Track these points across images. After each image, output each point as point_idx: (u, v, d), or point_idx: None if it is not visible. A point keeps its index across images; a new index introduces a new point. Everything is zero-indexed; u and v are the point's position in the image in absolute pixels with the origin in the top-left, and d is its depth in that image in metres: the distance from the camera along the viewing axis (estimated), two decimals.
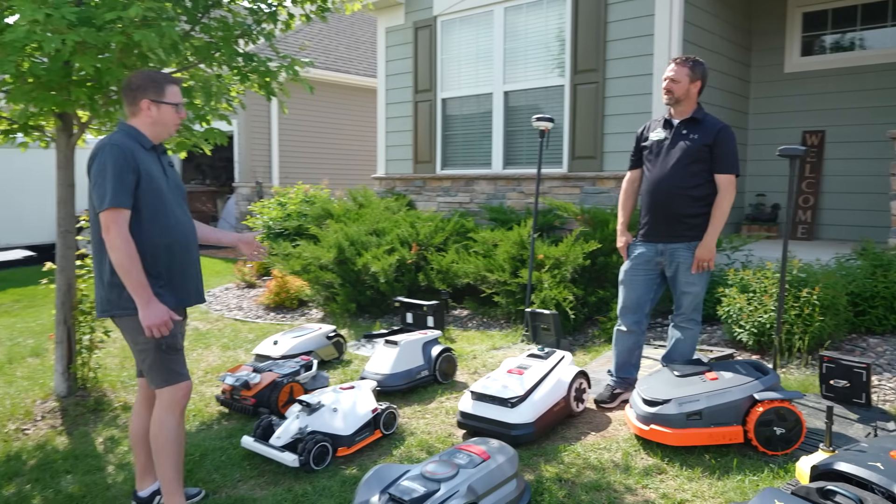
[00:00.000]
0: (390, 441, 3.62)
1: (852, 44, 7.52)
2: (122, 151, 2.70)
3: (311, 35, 15.79)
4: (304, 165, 14.35)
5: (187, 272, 2.92)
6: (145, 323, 2.66)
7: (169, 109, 2.85)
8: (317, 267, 6.50)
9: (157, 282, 2.76)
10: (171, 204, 2.85)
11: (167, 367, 2.81)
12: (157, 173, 2.82)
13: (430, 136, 8.48)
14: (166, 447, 2.82)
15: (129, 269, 2.65)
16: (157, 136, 2.88)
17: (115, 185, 2.65)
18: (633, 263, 3.90)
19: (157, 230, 2.77)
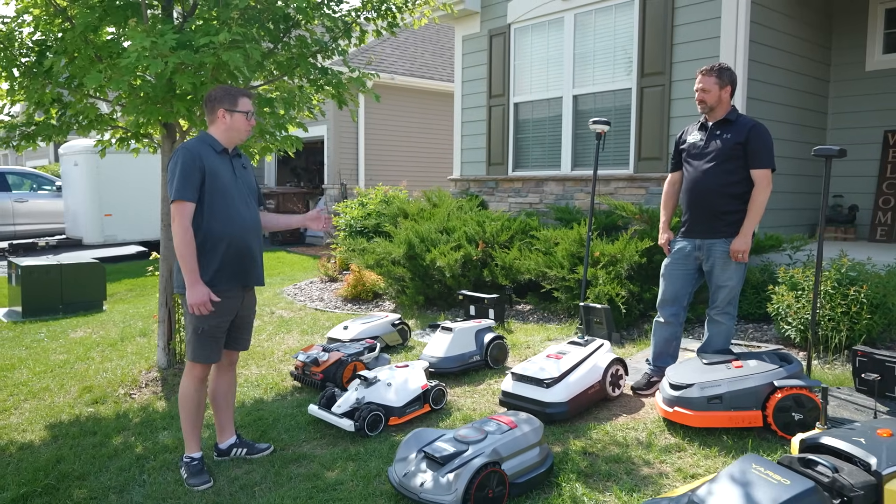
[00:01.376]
0: (438, 415, 4.02)
1: None
2: (191, 153, 3.19)
3: (398, 44, 16.47)
4: (387, 167, 15.03)
5: (245, 258, 3.34)
6: (189, 301, 3.14)
7: (240, 117, 3.32)
8: (389, 261, 7.00)
9: (213, 266, 3.21)
10: (234, 200, 3.29)
11: (196, 346, 3.29)
12: (224, 173, 3.27)
13: (502, 139, 8.83)
14: (182, 405, 3.35)
15: (184, 254, 3.14)
16: (230, 140, 3.35)
17: (181, 182, 3.15)
18: (673, 258, 4.12)
19: (218, 223, 3.22)
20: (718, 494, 2.25)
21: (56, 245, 13.18)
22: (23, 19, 4.57)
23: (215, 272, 3.24)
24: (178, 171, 3.18)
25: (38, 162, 24.53)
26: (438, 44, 17.55)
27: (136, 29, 3.98)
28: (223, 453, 3.56)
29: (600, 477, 3.12)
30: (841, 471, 2.30)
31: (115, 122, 5.12)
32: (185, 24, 4.54)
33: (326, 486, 3.16)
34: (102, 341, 6.24)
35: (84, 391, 4.78)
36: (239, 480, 3.29)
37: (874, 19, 7.61)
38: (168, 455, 3.62)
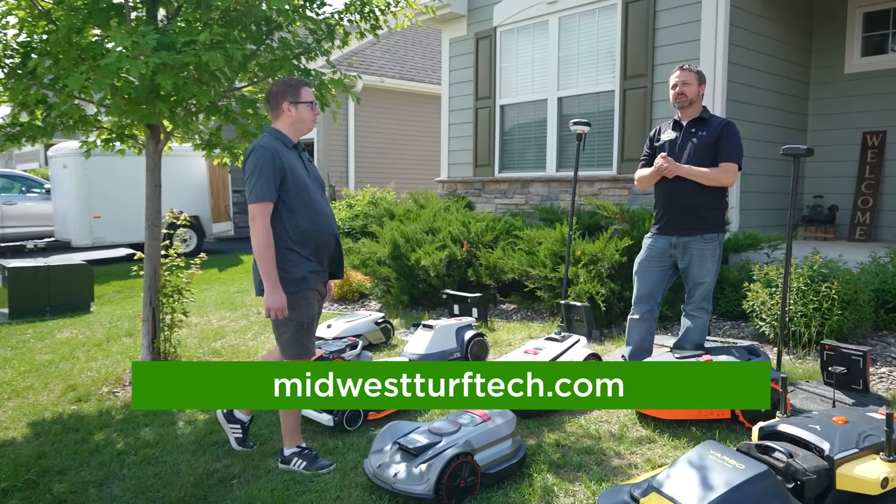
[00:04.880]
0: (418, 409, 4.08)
1: None
2: (269, 152, 3.17)
3: (388, 47, 16.56)
4: (377, 170, 15.11)
5: (334, 251, 3.39)
6: (267, 304, 3.12)
7: (305, 108, 3.30)
8: (374, 261, 7.06)
9: (305, 262, 3.22)
10: (315, 194, 3.29)
11: (300, 342, 3.27)
12: (300, 169, 3.27)
13: (488, 141, 8.91)
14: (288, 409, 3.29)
15: (263, 255, 3.11)
16: (297, 133, 3.34)
17: (261, 182, 3.12)
18: (648, 255, 4.20)
19: (304, 218, 3.21)
20: (676, 478, 2.32)
21: (45, 248, 13.18)
22: (7, 21, 4.61)
23: (308, 267, 3.23)
24: (256, 170, 3.13)
25: (28, 165, 24.52)
26: (428, 47, 17.65)
27: (118, 30, 4.04)
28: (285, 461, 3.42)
29: (571, 468, 3.19)
30: (796, 456, 2.38)
31: (100, 123, 5.17)
32: (168, 25, 4.60)
33: (303, 479, 3.22)
34: (88, 341, 6.28)
35: (68, 389, 4.82)
36: (218, 474, 3.34)
37: (853, 22, 7.74)
38: (149, 450, 3.67)
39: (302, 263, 3.24)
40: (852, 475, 2.31)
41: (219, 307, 7.73)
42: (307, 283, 3.26)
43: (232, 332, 6.41)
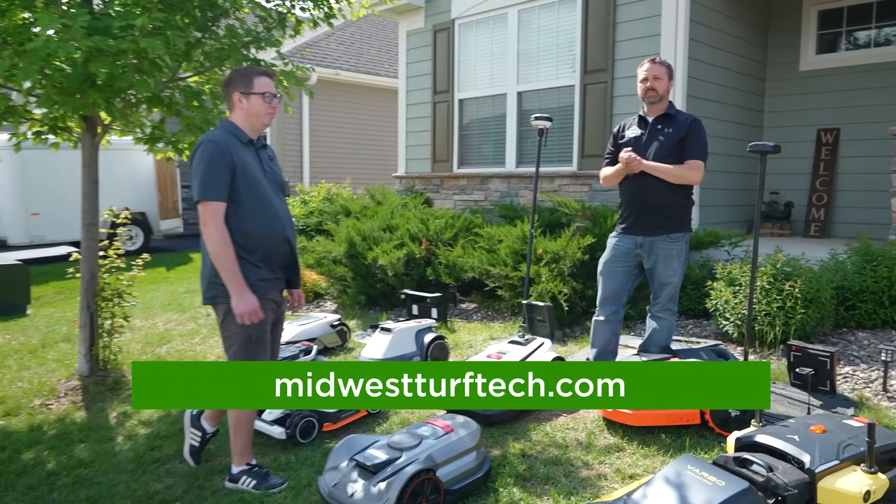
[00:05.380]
0: (375, 419, 3.87)
1: (868, 41, 7.48)
2: (218, 147, 2.89)
3: (343, 39, 16.21)
4: (332, 165, 14.77)
5: (287, 257, 3.14)
6: (237, 310, 2.87)
7: (258, 99, 3.00)
8: (329, 261, 6.81)
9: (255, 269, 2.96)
10: (268, 196, 3.03)
11: (248, 355, 3.01)
12: (253, 166, 3.00)
13: (447, 136, 8.73)
14: (239, 421, 3.08)
15: (224, 259, 2.86)
16: (252, 127, 3.06)
17: (209, 180, 2.86)
18: (613, 255, 4.07)
19: (253, 220, 2.96)
20: (653, 497, 2.18)
21: None
22: None
23: (256, 275, 2.99)
24: (203, 166, 2.88)
25: None
26: (384, 40, 17.35)
27: (46, 11, 3.71)
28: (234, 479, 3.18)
29: (538, 480, 3.03)
30: (775, 469, 2.27)
31: (31, 114, 4.79)
32: (104, 9, 4.27)
33: (253, 499, 2.99)
34: (21, 348, 5.87)
35: None
36: (159, 496, 3.08)
37: (808, 20, 7.79)
38: (83, 470, 3.37)
39: (248, 270, 2.98)
40: (834, 489, 2.21)
41: (166, 309, 7.37)
42: (256, 291, 3.01)
43: (179, 336, 6.09)
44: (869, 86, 7.37)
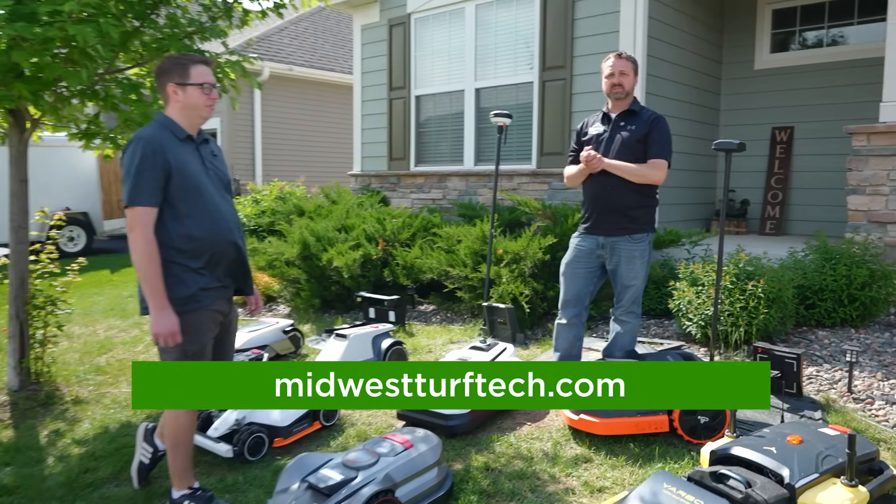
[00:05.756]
0: (329, 432, 3.66)
1: (821, 41, 7.56)
2: (150, 145, 2.62)
3: (297, 33, 15.83)
4: (286, 162, 14.39)
5: (234, 263, 2.89)
6: (154, 330, 2.62)
7: (195, 91, 2.74)
8: (282, 262, 6.54)
9: (197, 277, 2.73)
10: (211, 196, 2.77)
11: None
12: (193, 165, 2.73)
13: (404, 133, 8.52)
14: (177, 442, 2.84)
15: (147, 272, 2.60)
16: (190, 122, 2.78)
17: (140, 183, 2.59)
18: (575, 255, 3.93)
19: (195, 224, 2.70)
20: None
21: None
22: None
23: (198, 283, 2.73)
24: (133, 168, 2.59)
25: None
26: (339, 35, 17.02)
27: None
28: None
29: (503, 496, 2.87)
30: (754, 485, 2.15)
31: None
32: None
33: None
34: None
35: None
36: None
37: (762, 19, 7.84)
38: (6, 498, 3.07)
39: (189, 279, 2.74)
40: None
41: (107, 315, 6.99)
42: (198, 302, 2.76)
43: (121, 345, 5.74)
44: (822, 84, 7.45)
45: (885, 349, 4.39)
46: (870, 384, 3.79)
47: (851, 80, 7.22)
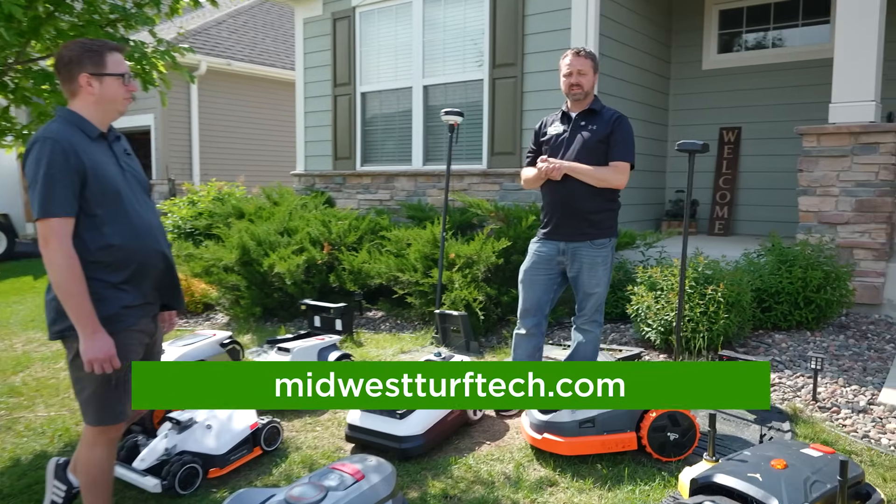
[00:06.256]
0: (272, 458, 3.35)
1: (766, 42, 7.61)
2: (59, 146, 2.27)
3: (236, 27, 15.24)
4: (225, 161, 13.81)
5: (161, 275, 2.56)
6: (87, 356, 2.28)
7: (114, 82, 2.41)
8: (220, 268, 6.14)
9: (120, 294, 2.41)
10: (130, 201, 2.44)
11: (107, 402, 2.44)
12: (109, 167, 2.40)
13: (349, 132, 8.20)
14: (93, 483, 2.52)
15: (71, 291, 2.26)
16: (103, 118, 2.44)
17: (53, 191, 2.23)
18: (534, 262, 3.71)
19: (116, 233, 2.38)
20: None
21: None
22: None
23: (121, 301, 2.40)
24: (43, 174, 2.23)
25: None
26: (281, 29, 16.49)
27: None
28: None
29: None
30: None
31: None
32: None
33: None
34: None
35: None
36: None
37: (709, 20, 7.85)
38: None
39: (110, 296, 2.40)
40: None
41: (27, 326, 6.44)
42: (121, 322, 2.43)
43: (40, 361, 5.26)
44: (768, 85, 7.49)
45: (841, 353, 4.35)
46: (833, 391, 3.71)
47: (797, 82, 7.28)
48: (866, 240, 5.28)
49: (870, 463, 2.90)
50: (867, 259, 5.27)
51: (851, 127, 5.23)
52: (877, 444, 3.11)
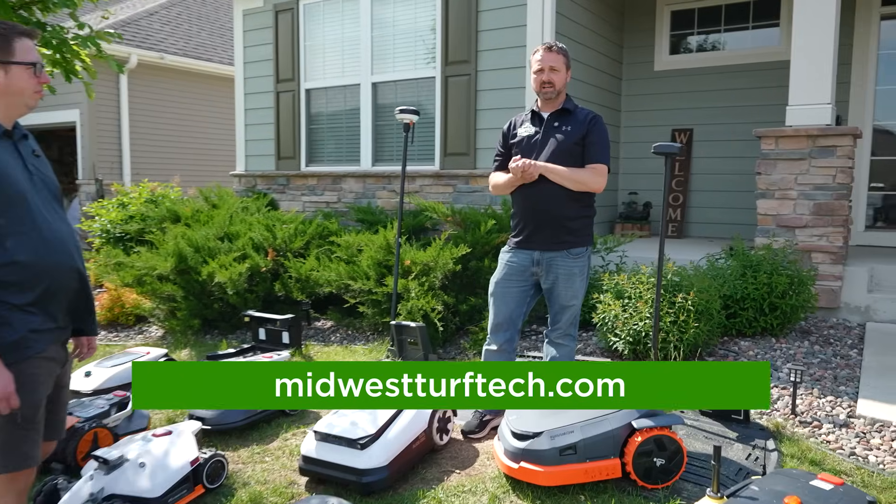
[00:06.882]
0: (216, 497, 2.98)
1: (718, 44, 7.59)
2: None
3: (169, 19, 14.49)
4: (160, 161, 13.08)
5: (69, 297, 2.20)
6: None
7: (22, 73, 2.08)
8: (154, 278, 5.65)
9: (25, 318, 2.05)
10: (38, 210, 2.11)
11: (14, 445, 2.06)
12: (13, 169, 2.07)
13: (293, 130, 7.78)
14: None
15: None
16: (8, 113, 2.10)
17: None
18: (506, 273, 3.45)
19: (21, 246, 2.04)
20: None
21: None
22: None
23: (27, 324, 2.05)
24: None
25: None
26: (217, 22, 15.79)
27: None
28: None
29: None
30: None
31: None
32: None
33: None
34: None
35: None
36: None
37: (661, 20, 7.79)
38: None
39: (15, 319, 2.03)
40: None
41: None
42: (28, 348, 2.06)
43: None
44: (719, 87, 7.47)
45: (809, 360, 4.26)
46: (810, 403, 3.59)
47: (748, 84, 7.28)
48: (824, 243, 5.25)
49: (862, 484, 2.76)
50: (825, 262, 5.24)
51: (809, 130, 5.19)
52: (864, 461, 2.99)
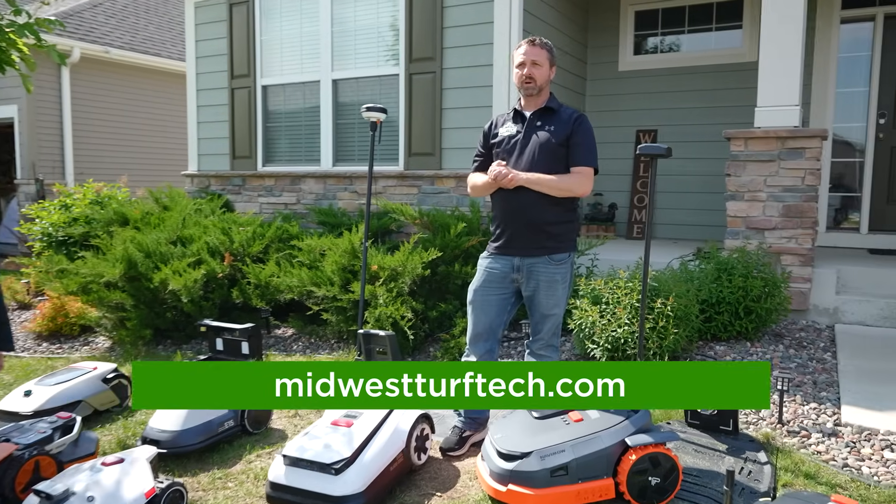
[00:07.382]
0: None
1: (680, 45, 7.58)
2: None
3: (114, 11, 13.86)
4: (106, 160, 12.47)
5: None
6: None
7: None
8: (101, 285, 5.27)
9: None
10: None
11: None
12: None
13: (249, 128, 7.46)
14: None
15: None
16: None
17: None
18: (485, 280, 3.27)
19: None
20: None
21: None
22: None
23: None
24: None
25: None
26: (167, 16, 15.20)
27: None
28: None
29: None
30: None
31: None
32: None
33: None
34: None
35: None
36: None
37: (625, 20, 7.73)
38: None
39: None
40: None
41: None
42: None
43: None
44: (683, 88, 7.46)
45: (787, 364, 4.21)
46: (794, 410, 3.51)
47: (712, 85, 7.28)
48: (793, 245, 5.23)
49: (860, 498, 2.67)
50: (794, 265, 5.23)
51: (779, 132, 5.17)
52: (858, 473, 2.91)
